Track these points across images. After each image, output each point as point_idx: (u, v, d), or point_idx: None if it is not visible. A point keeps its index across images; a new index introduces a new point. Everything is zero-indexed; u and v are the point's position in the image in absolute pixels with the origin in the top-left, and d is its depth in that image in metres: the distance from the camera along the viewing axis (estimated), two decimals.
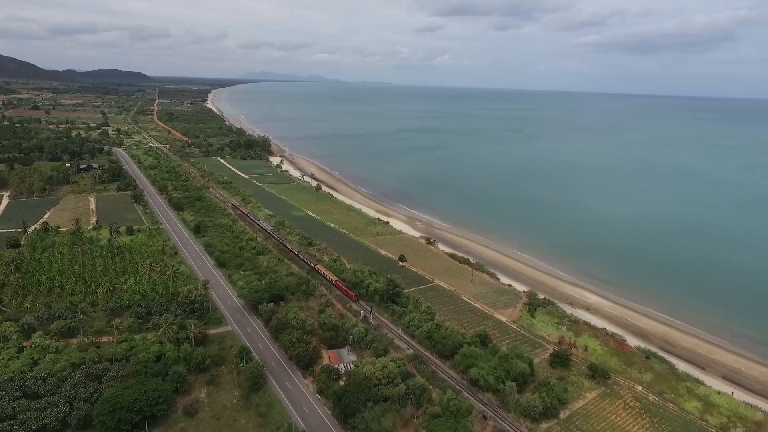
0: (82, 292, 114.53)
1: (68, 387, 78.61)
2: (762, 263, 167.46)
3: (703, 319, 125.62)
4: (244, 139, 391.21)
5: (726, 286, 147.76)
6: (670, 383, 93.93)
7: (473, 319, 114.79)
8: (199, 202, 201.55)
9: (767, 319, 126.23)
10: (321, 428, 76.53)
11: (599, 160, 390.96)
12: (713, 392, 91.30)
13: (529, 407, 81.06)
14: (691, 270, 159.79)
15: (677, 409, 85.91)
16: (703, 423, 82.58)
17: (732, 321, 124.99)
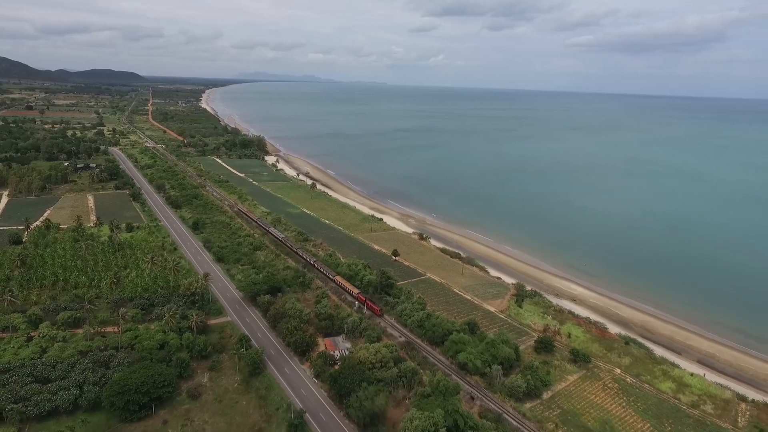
0: (85, 285, 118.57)
1: (77, 372, 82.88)
2: (742, 257, 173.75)
3: (682, 309, 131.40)
4: (240, 138, 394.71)
5: (707, 278, 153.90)
6: (647, 366, 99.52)
7: (463, 309, 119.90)
8: (196, 200, 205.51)
9: (743, 308, 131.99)
10: (318, 408, 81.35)
11: (592, 160, 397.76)
12: (687, 374, 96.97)
13: (514, 388, 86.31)
14: (674, 263, 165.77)
15: (652, 389, 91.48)
16: (676, 401, 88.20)
17: (710, 310, 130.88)
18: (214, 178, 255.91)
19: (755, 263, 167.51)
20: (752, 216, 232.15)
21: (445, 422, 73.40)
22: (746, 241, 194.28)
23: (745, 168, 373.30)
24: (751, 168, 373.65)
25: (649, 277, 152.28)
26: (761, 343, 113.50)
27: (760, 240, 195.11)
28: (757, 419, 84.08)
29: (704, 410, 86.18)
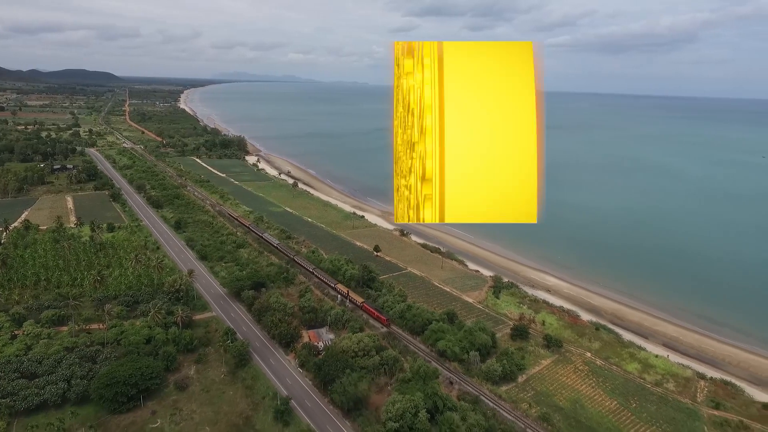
0: (68, 284, 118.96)
1: (64, 367, 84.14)
2: (706, 248, 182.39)
3: (651, 297, 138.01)
4: (220, 138, 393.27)
5: (674, 268, 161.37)
6: (615, 350, 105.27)
7: (442, 300, 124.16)
8: (177, 200, 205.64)
9: (706, 295, 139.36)
10: (303, 396, 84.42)
11: (569, 157, 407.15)
12: (652, 356, 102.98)
13: (490, 372, 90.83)
14: (645, 255, 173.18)
15: (620, 371, 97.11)
16: (641, 380, 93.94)
17: (676, 298, 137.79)
18: (194, 178, 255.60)
19: (718, 254, 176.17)
20: (717, 209, 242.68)
21: (425, 404, 77.47)
22: (711, 233, 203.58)
23: (713, 164, 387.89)
24: (718, 164, 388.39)
25: (621, 268, 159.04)
26: (720, 327, 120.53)
27: (723, 232, 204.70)
28: (714, 394, 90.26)
29: (667, 388, 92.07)
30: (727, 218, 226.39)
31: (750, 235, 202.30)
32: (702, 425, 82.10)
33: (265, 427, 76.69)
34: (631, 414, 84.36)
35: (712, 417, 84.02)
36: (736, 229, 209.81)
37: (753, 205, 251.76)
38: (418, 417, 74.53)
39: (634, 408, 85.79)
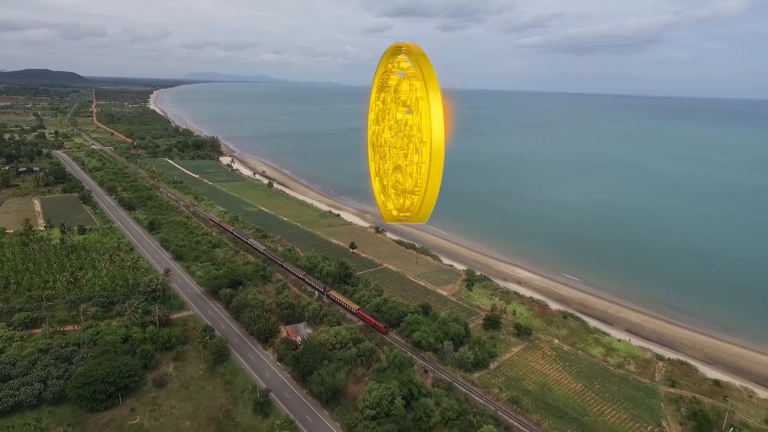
0: (39, 287, 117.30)
1: (39, 368, 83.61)
2: (668, 239, 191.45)
3: (615, 287, 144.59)
4: (192, 139, 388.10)
5: (637, 258, 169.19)
6: (581, 336, 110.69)
7: (417, 294, 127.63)
8: (150, 202, 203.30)
9: (666, 284, 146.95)
10: (282, 388, 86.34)
11: (539, 154, 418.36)
12: (615, 341, 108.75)
13: (463, 360, 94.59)
14: (610, 247, 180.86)
15: (585, 355, 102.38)
16: (605, 363, 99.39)
17: (639, 287, 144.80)
18: (167, 179, 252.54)
19: (678, 245, 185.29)
20: (677, 203, 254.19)
21: (401, 392, 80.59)
22: (671, 225, 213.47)
23: (675, 160, 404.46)
24: (680, 160, 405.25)
25: (588, 260, 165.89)
26: (679, 312, 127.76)
27: (683, 224, 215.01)
28: (671, 374, 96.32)
29: (628, 369, 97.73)
30: (687, 211, 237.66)
31: (707, 227, 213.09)
32: (659, 402, 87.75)
33: (245, 420, 78.34)
34: (595, 394, 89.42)
35: (669, 394, 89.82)
36: (695, 222, 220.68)
37: (710, 199, 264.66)
38: (395, 404, 77.58)
39: (597, 389, 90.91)
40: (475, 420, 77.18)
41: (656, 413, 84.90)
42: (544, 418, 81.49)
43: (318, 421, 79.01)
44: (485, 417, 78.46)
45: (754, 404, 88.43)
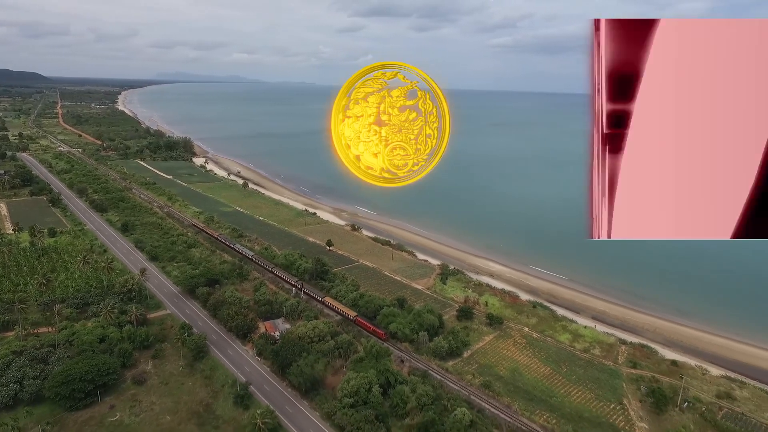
0: (10, 290, 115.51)
1: (14, 369, 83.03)
2: None
3: (582, 276, 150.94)
4: (164, 140, 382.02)
5: (602, 250, 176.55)
6: (550, 324, 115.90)
7: (393, 288, 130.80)
8: (122, 203, 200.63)
9: (629, 273, 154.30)
10: (262, 381, 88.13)
11: (510, 152, 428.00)
12: (581, 327, 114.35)
13: (438, 349, 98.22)
14: (578, 240, 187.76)
15: (553, 341, 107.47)
16: (572, 348, 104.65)
17: (604, 276, 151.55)
18: (139, 180, 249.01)
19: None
20: None
21: (378, 380, 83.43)
22: None
23: None
24: None
25: (556, 252, 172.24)
26: (640, 300, 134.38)
27: None
28: (632, 356, 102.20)
29: (593, 353, 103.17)
30: None
31: None
32: (621, 382, 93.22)
33: (225, 412, 79.94)
34: (562, 377, 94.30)
35: (630, 375, 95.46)
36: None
37: None
38: (372, 392, 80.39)
39: (564, 372, 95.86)
40: (449, 404, 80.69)
41: (618, 392, 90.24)
42: (515, 401, 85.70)
43: (298, 411, 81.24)
44: (459, 401, 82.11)
45: (707, 381, 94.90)
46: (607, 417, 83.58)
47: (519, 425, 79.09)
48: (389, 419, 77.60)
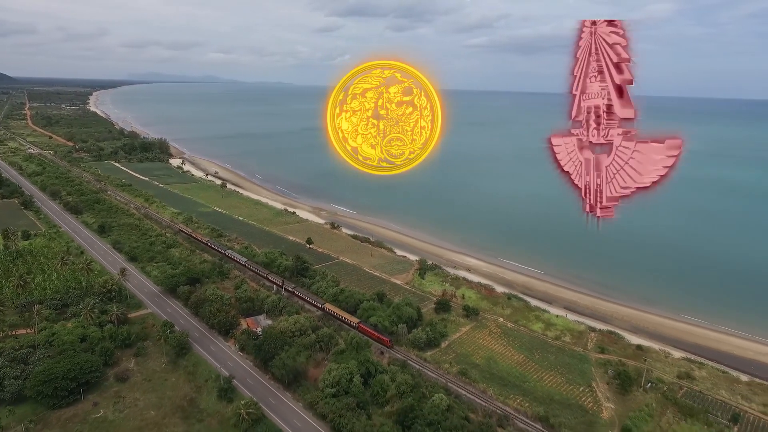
0: None
1: None
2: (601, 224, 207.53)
3: (554, 269, 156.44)
4: (139, 141, 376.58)
5: (573, 243, 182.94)
6: (524, 314, 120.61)
7: (373, 284, 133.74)
8: (98, 205, 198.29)
9: (601, 265, 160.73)
10: (245, 375, 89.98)
11: (487, 150, 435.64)
12: (554, 316, 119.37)
13: (416, 340, 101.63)
14: (550, 233, 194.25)
15: (527, 330, 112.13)
16: (544, 336, 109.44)
17: (575, 268, 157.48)
18: (115, 182, 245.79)
19: (607, 228, 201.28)
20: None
21: (359, 370, 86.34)
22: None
23: None
24: None
25: (531, 246, 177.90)
26: (609, 290, 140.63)
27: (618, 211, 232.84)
28: (601, 342, 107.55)
29: (564, 340, 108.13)
30: None
31: (637, 211, 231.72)
32: (590, 366, 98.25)
33: (209, 406, 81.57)
34: (535, 364, 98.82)
35: (598, 359, 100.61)
36: (626, 207, 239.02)
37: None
38: (353, 381, 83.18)
39: (537, 359, 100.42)
40: (428, 391, 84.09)
41: (587, 376, 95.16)
42: (490, 387, 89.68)
43: (281, 402, 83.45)
44: (437, 388, 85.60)
45: (669, 363, 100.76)
46: (576, 399, 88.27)
47: (494, 409, 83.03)
48: (370, 407, 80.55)
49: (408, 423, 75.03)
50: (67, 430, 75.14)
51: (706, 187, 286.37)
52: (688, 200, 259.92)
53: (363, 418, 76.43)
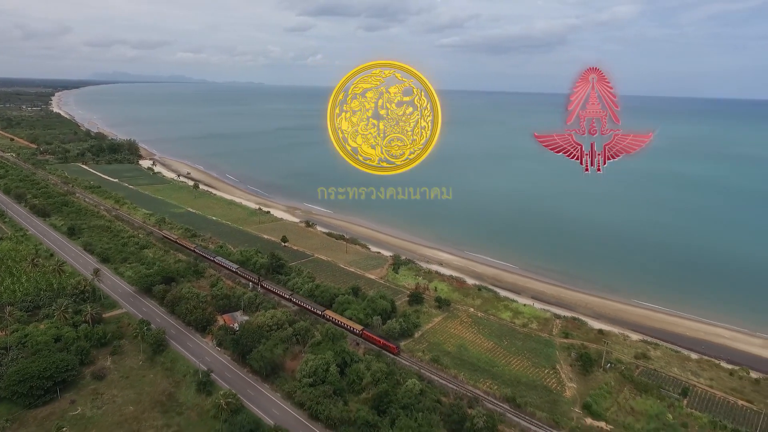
0: None
1: None
2: (567, 216, 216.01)
3: (523, 261, 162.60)
4: (107, 143, 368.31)
5: (541, 236, 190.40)
6: (493, 304, 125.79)
7: (348, 279, 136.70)
8: (66, 207, 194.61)
9: (564, 256, 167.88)
10: (223, 369, 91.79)
11: (458, 149, 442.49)
12: (521, 306, 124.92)
13: (391, 331, 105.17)
14: (518, 227, 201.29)
15: (496, 319, 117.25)
16: (512, 324, 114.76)
17: (542, 260, 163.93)
18: (83, 184, 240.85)
19: (574, 221, 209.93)
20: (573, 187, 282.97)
21: (336, 360, 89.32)
22: (569, 204, 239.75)
23: None
24: None
25: (498, 239, 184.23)
26: (573, 279, 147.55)
27: (580, 203, 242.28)
28: (565, 328, 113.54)
29: (531, 327, 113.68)
30: (581, 194, 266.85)
31: (601, 205, 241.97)
32: (555, 350, 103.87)
33: (188, 399, 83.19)
34: (504, 350, 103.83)
35: (563, 344, 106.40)
36: (588, 203, 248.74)
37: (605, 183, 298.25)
38: (330, 371, 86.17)
39: (505, 345, 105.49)
40: (401, 378, 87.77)
41: (552, 359, 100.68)
42: (461, 372, 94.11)
43: (259, 393, 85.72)
44: (410, 374, 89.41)
45: (628, 345, 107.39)
46: (542, 380, 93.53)
47: (464, 392, 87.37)
48: (346, 394, 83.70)
49: (383, 407, 78.48)
50: (44, 428, 75.57)
51: (665, 182, 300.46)
52: (649, 194, 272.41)
53: (340, 404, 79.50)
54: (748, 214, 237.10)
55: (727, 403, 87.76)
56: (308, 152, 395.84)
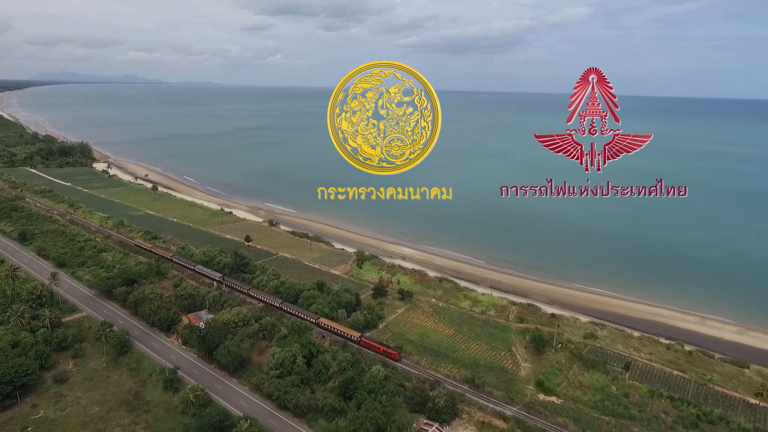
0: None
1: None
2: (528, 212, 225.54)
3: (482, 254, 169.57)
4: (57, 146, 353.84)
5: (499, 230, 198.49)
6: (453, 294, 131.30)
7: (313, 275, 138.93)
8: (16, 213, 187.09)
9: (521, 248, 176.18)
10: (190, 366, 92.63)
11: None
12: (480, 295, 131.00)
13: (356, 323, 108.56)
14: (476, 221, 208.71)
15: (456, 308, 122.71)
16: (471, 312, 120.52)
17: (500, 252, 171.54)
18: (33, 188, 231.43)
19: (535, 215, 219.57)
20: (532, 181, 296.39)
21: (302, 352, 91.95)
22: (528, 200, 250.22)
23: (530, 147, 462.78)
24: (534, 147, 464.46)
25: (457, 233, 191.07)
26: (529, 269, 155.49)
27: (536, 199, 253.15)
28: (521, 313, 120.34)
29: (489, 314, 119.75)
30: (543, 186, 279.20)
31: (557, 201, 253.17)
32: (511, 334, 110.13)
33: (155, 397, 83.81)
34: (463, 336, 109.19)
35: (518, 328, 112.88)
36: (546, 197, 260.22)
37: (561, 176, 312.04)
38: (296, 362, 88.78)
39: (465, 331, 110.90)
40: (366, 366, 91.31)
41: (508, 342, 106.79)
42: (423, 358, 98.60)
43: (227, 387, 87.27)
44: (375, 362, 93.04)
45: (578, 327, 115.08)
46: (499, 362, 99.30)
47: (426, 376, 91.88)
48: (313, 384, 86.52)
49: (349, 393, 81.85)
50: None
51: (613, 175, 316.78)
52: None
53: (307, 393, 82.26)
54: (689, 204, 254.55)
55: (663, 374, 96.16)
56: (269, 152, 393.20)
